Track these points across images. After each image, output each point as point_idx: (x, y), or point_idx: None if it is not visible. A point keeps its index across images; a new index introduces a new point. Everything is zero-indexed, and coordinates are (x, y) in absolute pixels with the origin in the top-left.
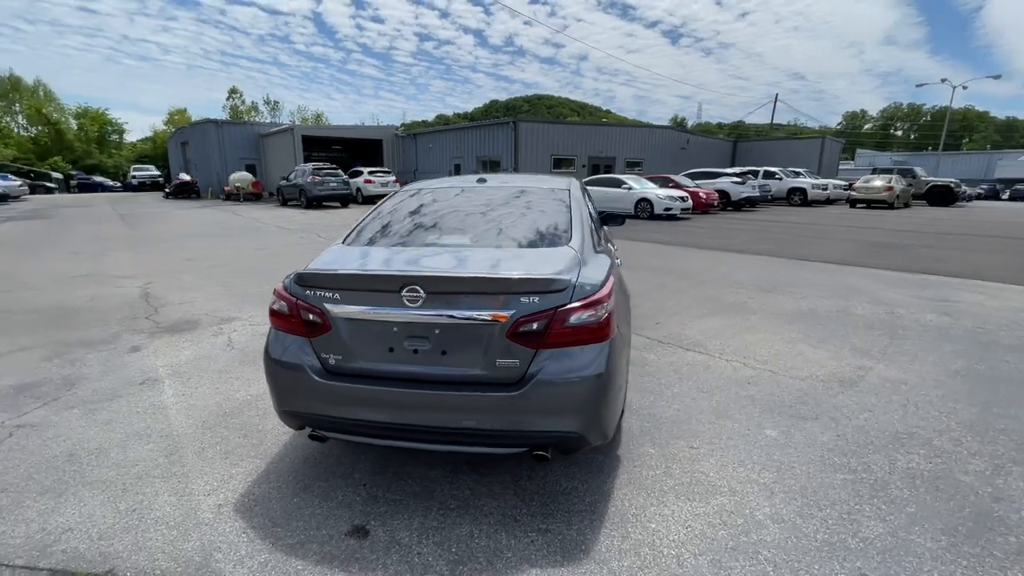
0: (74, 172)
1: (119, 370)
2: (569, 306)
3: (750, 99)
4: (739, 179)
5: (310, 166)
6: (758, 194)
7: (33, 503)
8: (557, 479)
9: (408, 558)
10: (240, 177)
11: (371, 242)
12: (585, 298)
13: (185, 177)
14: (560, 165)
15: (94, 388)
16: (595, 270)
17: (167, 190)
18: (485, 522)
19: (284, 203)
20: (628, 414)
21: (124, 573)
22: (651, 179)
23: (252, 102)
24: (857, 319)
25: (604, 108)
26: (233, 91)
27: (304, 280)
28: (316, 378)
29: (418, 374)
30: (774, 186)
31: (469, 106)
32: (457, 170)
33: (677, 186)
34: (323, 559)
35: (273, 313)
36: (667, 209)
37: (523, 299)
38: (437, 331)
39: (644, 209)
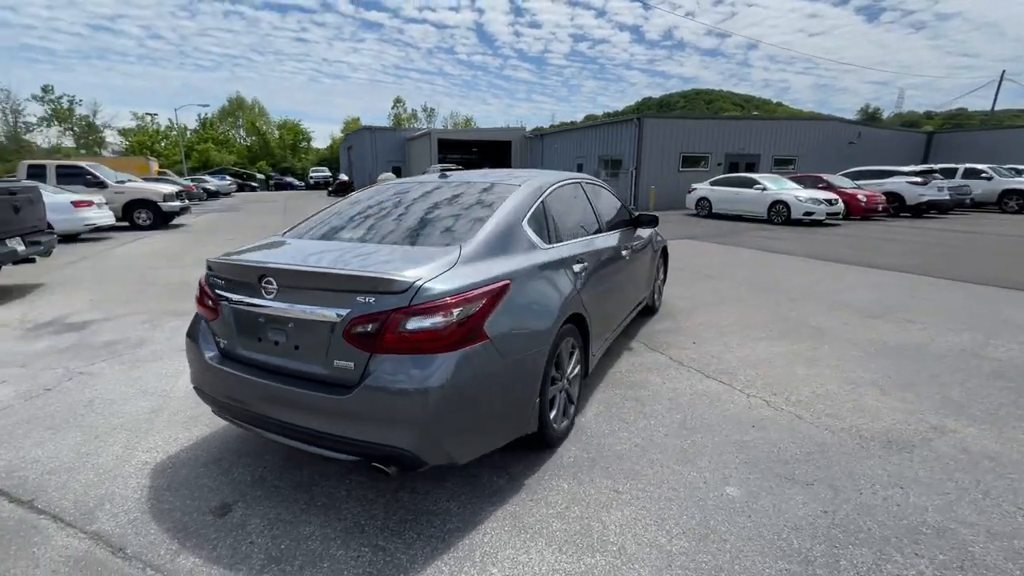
0: (273, 174)
1: (179, 337)
2: (406, 309)
3: (974, 80)
4: (919, 179)
5: (438, 166)
6: (947, 197)
7: (35, 435)
8: (438, 497)
9: (239, 544)
10: (385, 176)
11: (299, 235)
12: (427, 302)
13: (344, 177)
14: (690, 164)
15: (151, 350)
16: (466, 274)
17: (330, 188)
18: (333, 527)
19: None
20: (577, 440)
21: (39, 505)
22: (797, 179)
23: (412, 110)
24: (984, 363)
25: (775, 100)
26: (397, 100)
27: (208, 265)
28: (207, 359)
29: (278, 366)
30: (979, 187)
31: (620, 104)
32: (579, 169)
33: (829, 187)
34: (174, 527)
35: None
36: (808, 213)
37: (359, 298)
38: (291, 324)
39: (780, 213)
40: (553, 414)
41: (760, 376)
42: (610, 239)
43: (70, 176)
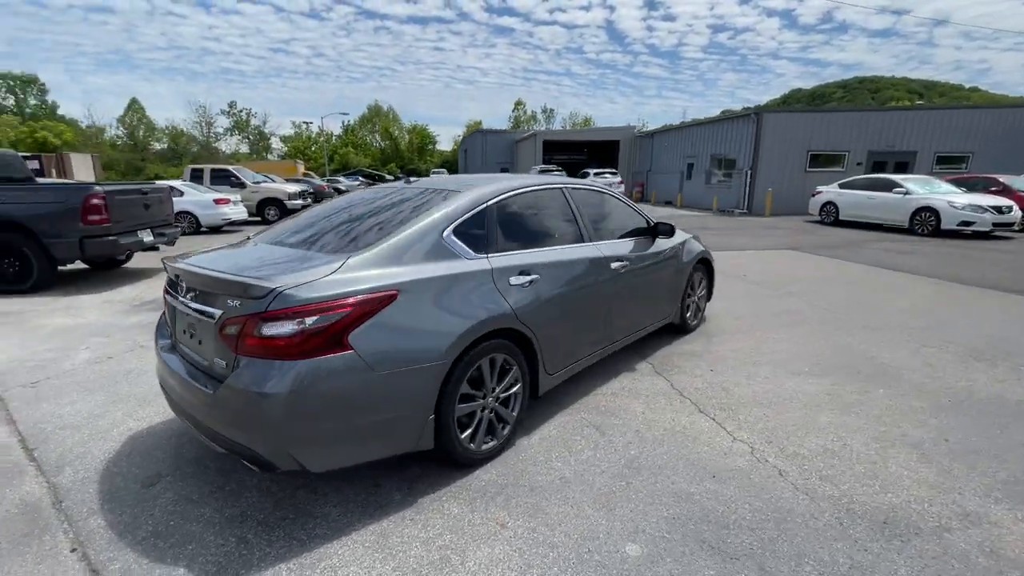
0: (400, 174)
1: None
2: (262, 314)
3: None
4: None
5: (537, 167)
6: None
7: (74, 395)
8: (328, 501)
9: (141, 515)
10: None
11: (263, 238)
12: (283, 309)
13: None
14: (821, 163)
15: None
16: (341, 282)
17: None
18: (223, 513)
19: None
20: (504, 463)
21: (36, 454)
22: (962, 180)
23: (532, 111)
24: None
25: (967, 86)
26: (518, 103)
27: (163, 264)
28: (159, 348)
29: (192, 359)
30: None
31: (763, 97)
32: (690, 170)
33: (1004, 191)
34: (106, 490)
35: None
36: (965, 223)
37: (230, 301)
38: (193, 322)
39: (926, 222)
40: (467, 433)
41: (766, 418)
42: (595, 250)
43: (220, 178)
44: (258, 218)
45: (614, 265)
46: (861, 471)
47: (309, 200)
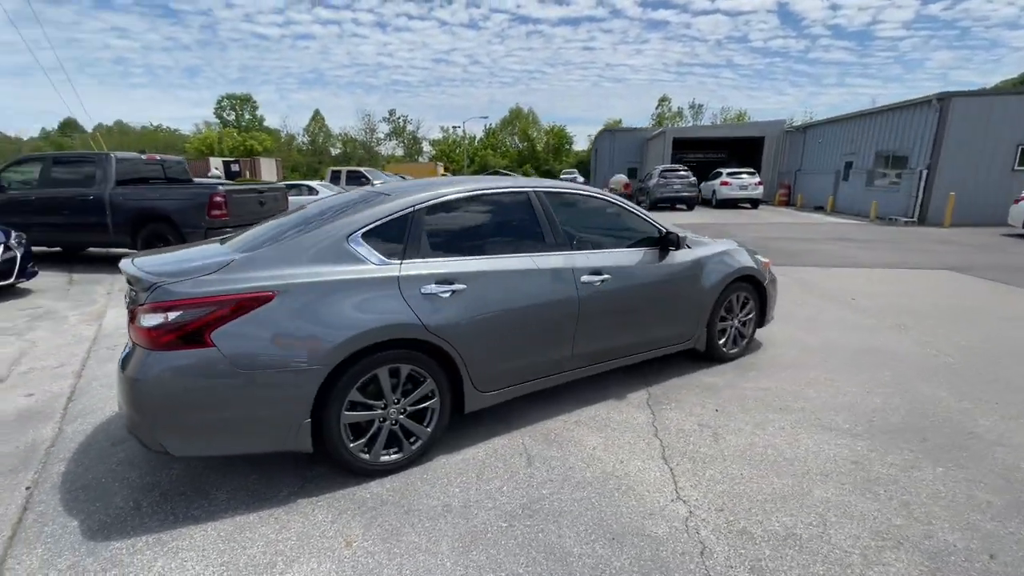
0: (535, 176)
1: None
2: (141, 306)
3: None
4: None
5: (660, 168)
6: None
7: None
8: (229, 487)
9: (87, 469)
10: (615, 179)
11: (232, 241)
12: (156, 303)
13: (580, 179)
14: None
15: None
16: (218, 281)
17: None
18: (145, 479)
19: (637, 204)
20: (398, 480)
21: (71, 405)
22: None
23: (678, 108)
24: None
25: None
26: (662, 99)
27: None
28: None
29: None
30: None
31: (991, 78)
32: (847, 169)
33: None
34: (83, 443)
35: None
36: None
37: (133, 293)
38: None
39: None
40: (360, 442)
41: (739, 479)
42: (559, 260)
43: (353, 178)
44: None
45: (586, 278)
46: (820, 569)
47: None
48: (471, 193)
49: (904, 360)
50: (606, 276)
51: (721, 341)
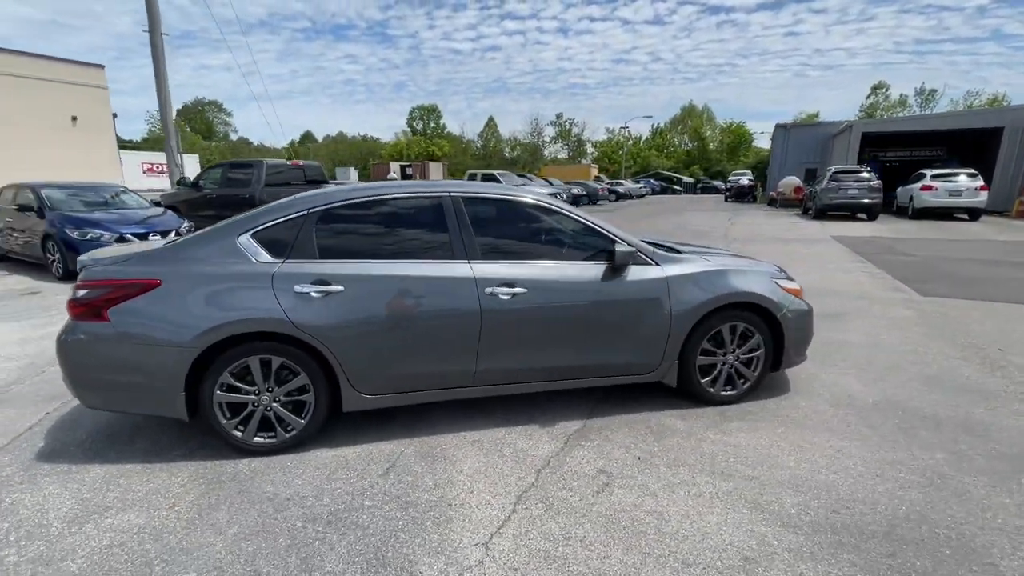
0: (703, 177)
1: None
2: (74, 282)
3: None
4: None
5: (833, 169)
6: None
7: None
8: (135, 445)
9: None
10: (785, 182)
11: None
12: (79, 280)
13: (744, 181)
14: None
15: None
16: (122, 268)
17: (726, 193)
18: (88, 429)
19: (805, 211)
20: (259, 463)
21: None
22: None
23: (900, 95)
24: None
25: None
26: (877, 86)
27: None
28: None
29: None
30: None
31: None
32: None
33: None
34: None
35: None
36: None
37: None
38: None
39: None
40: (234, 421)
41: (581, 543)
42: (461, 270)
43: (490, 179)
44: None
45: (492, 290)
46: None
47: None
48: (376, 198)
49: (983, 437)
50: (520, 290)
51: (706, 379)
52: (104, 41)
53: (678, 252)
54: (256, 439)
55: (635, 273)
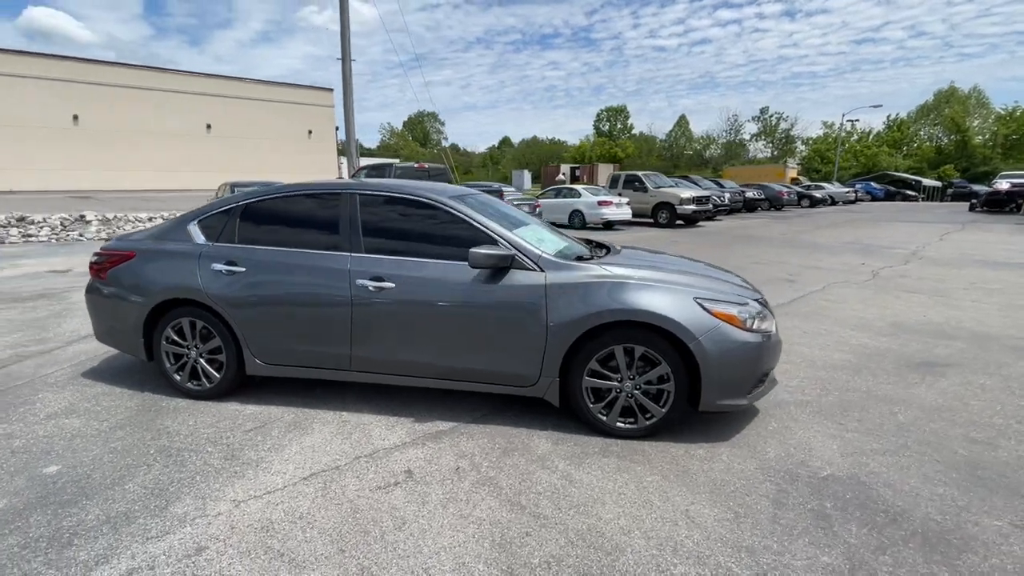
0: (956, 180)
1: None
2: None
3: None
4: None
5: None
6: None
7: None
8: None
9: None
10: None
11: None
12: (97, 252)
13: (1002, 185)
14: None
15: None
16: (126, 244)
17: (972, 200)
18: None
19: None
20: (198, 407)
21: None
22: None
23: None
24: None
25: None
26: None
27: None
28: None
29: None
30: None
31: None
32: None
33: None
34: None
35: None
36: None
37: None
38: None
39: None
40: (175, 366)
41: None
42: (338, 262)
43: (630, 182)
44: (651, 220)
45: (363, 282)
46: None
47: (710, 205)
48: (290, 194)
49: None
50: (388, 284)
51: (597, 404)
52: (358, 68)
53: (605, 256)
54: (188, 384)
55: (512, 278)
